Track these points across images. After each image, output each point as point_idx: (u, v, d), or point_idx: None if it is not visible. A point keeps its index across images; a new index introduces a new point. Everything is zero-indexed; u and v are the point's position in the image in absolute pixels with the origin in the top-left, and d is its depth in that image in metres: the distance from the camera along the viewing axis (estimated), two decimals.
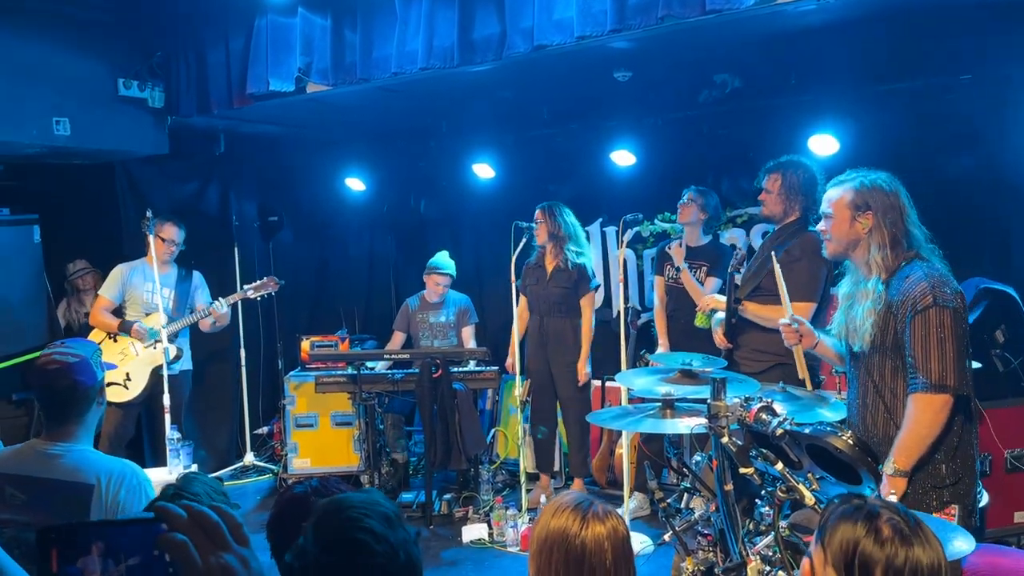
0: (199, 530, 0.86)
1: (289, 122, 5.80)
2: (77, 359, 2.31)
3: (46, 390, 2.30)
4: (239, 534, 0.89)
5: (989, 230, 4.46)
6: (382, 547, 1.35)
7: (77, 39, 4.72)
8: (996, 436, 3.92)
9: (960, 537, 2.00)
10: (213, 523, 0.87)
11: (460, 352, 5.22)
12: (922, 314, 2.46)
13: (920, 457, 2.47)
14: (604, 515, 1.79)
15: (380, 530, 1.37)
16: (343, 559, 1.34)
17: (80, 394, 2.30)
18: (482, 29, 3.89)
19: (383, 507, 1.43)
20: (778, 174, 3.87)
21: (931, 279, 2.49)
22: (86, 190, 5.70)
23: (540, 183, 5.87)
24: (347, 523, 1.37)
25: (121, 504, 2.20)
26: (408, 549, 1.40)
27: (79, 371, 2.29)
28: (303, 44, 4.41)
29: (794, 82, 4.72)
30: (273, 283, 5.30)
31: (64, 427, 2.30)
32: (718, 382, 2.31)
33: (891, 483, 2.50)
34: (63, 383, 2.28)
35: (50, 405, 2.32)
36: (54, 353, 2.33)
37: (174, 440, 4.36)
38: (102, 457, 2.34)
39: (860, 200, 2.65)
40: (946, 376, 2.43)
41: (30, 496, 2.22)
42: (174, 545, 0.83)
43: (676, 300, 4.80)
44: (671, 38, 3.75)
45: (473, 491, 5.21)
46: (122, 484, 2.23)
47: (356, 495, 1.49)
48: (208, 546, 0.85)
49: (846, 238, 2.68)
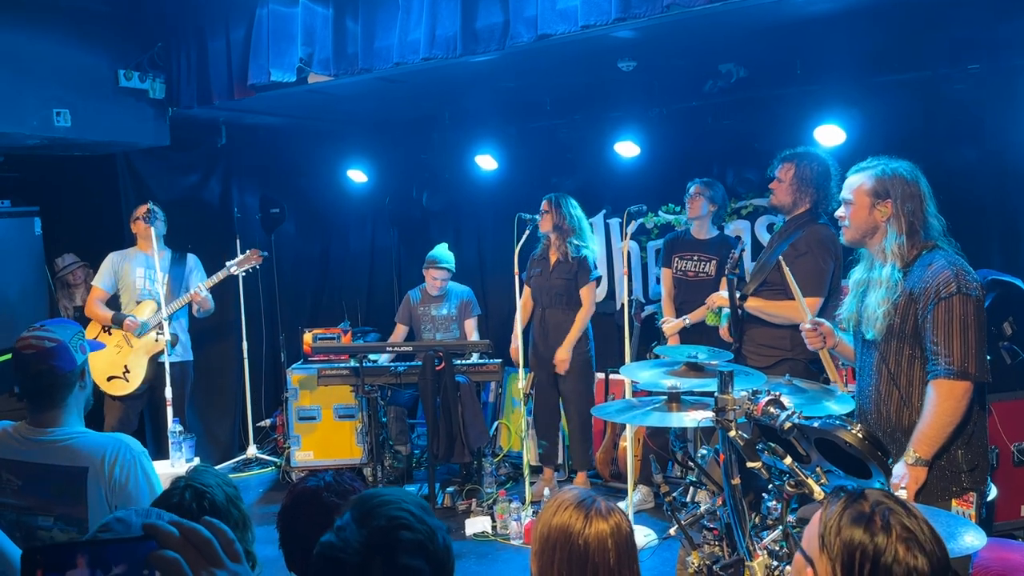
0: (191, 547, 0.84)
1: (290, 113, 5.77)
2: (54, 344, 2.20)
3: (23, 375, 2.21)
4: (231, 550, 0.87)
5: (997, 221, 4.42)
6: (422, 526, 1.37)
7: (77, 30, 4.69)
8: (1003, 429, 3.90)
9: (971, 532, 1.98)
10: (205, 539, 0.85)
11: (463, 345, 5.20)
12: (946, 301, 2.46)
13: (941, 445, 2.47)
14: (607, 512, 1.77)
15: (418, 512, 1.40)
16: (385, 534, 1.34)
17: (59, 380, 2.20)
18: (485, 18, 3.86)
19: (415, 497, 1.47)
20: (792, 164, 3.83)
21: (954, 267, 2.50)
22: (87, 182, 5.68)
23: (543, 174, 5.83)
24: (386, 504, 1.39)
25: (118, 481, 2.15)
26: (443, 535, 1.42)
27: (56, 356, 2.19)
28: (304, 34, 4.38)
29: (800, 72, 4.67)
30: (256, 255, 5.21)
31: (48, 413, 2.22)
32: (725, 375, 2.28)
33: (912, 473, 2.50)
34: (39, 368, 2.18)
35: (30, 390, 2.23)
36: (30, 337, 2.22)
37: (176, 433, 4.34)
38: (93, 436, 2.26)
39: (880, 188, 2.64)
40: (968, 363, 2.45)
41: (25, 481, 2.18)
42: (165, 563, 0.81)
43: (685, 293, 4.77)
44: (676, 27, 3.71)
45: (476, 484, 5.20)
46: (116, 459, 2.18)
47: (387, 489, 1.54)
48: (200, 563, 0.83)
49: (864, 225, 2.67)
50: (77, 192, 5.72)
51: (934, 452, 2.49)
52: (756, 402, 2.23)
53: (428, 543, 1.37)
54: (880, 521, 1.36)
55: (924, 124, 4.44)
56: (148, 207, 4.94)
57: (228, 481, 2.07)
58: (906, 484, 2.49)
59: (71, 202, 5.69)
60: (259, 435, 6.33)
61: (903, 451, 2.58)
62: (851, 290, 2.83)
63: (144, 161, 5.64)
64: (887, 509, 1.38)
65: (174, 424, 4.40)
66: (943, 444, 2.49)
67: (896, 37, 4.32)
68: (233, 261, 5.18)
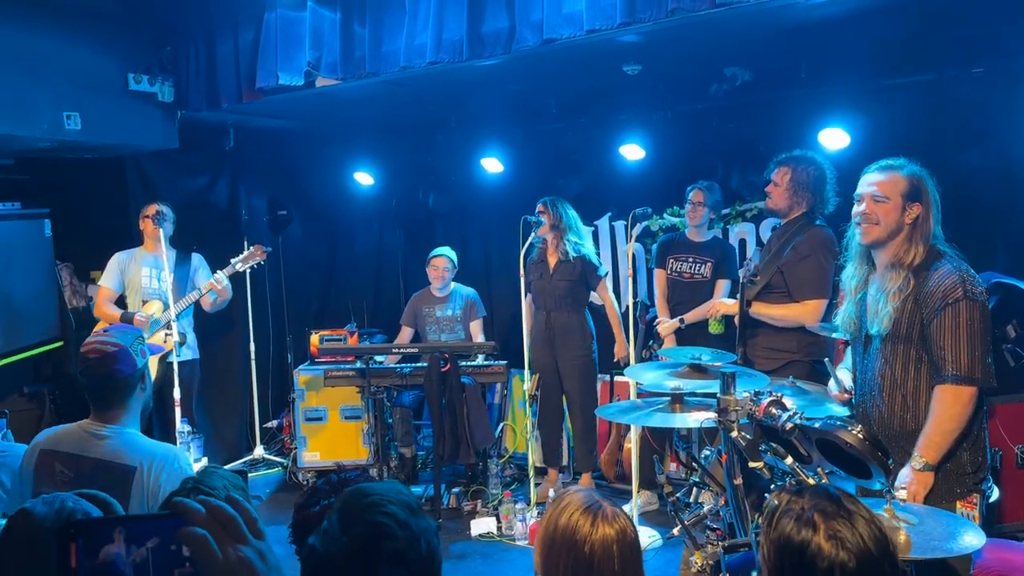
0: (217, 524, 0.86)
1: (298, 116, 5.81)
2: (116, 348, 2.37)
3: (88, 377, 2.37)
4: (255, 528, 0.90)
5: (1002, 224, 4.42)
6: (404, 532, 1.37)
7: (87, 34, 4.73)
8: (1007, 431, 3.90)
9: (970, 532, 2.00)
10: (230, 517, 0.88)
11: (468, 346, 5.23)
12: (953, 307, 2.47)
13: (948, 450, 2.49)
14: (613, 518, 1.75)
15: (402, 516, 1.39)
16: (365, 543, 1.35)
17: (120, 382, 2.37)
18: (491, 23, 3.88)
19: (405, 496, 1.46)
20: (788, 168, 3.85)
21: (960, 273, 2.51)
22: (96, 184, 5.72)
23: (549, 177, 5.86)
24: (370, 507, 1.39)
25: (163, 488, 2.24)
26: (429, 538, 1.41)
27: (118, 360, 2.36)
28: (312, 38, 4.41)
29: (805, 75, 4.68)
30: (260, 251, 5.24)
31: (110, 411, 2.38)
32: (727, 376, 2.30)
33: (920, 478, 2.50)
34: (102, 371, 2.35)
35: (94, 391, 2.39)
36: (96, 342, 2.40)
37: (184, 433, 4.38)
38: (147, 441, 2.40)
39: (913, 189, 2.61)
40: (975, 369, 2.46)
41: (75, 473, 2.28)
42: (194, 539, 0.84)
43: (680, 294, 4.79)
44: (681, 31, 3.73)
45: (481, 485, 5.22)
46: (163, 468, 2.28)
47: (380, 483, 1.52)
48: (226, 539, 0.86)
49: (895, 225, 2.62)
50: (87, 194, 5.77)
51: (941, 457, 2.50)
52: (758, 403, 2.25)
53: (410, 551, 1.37)
54: (808, 517, 1.41)
55: (929, 127, 4.45)
56: (158, 208, 4.98)
57: (237, 483, 2.10)
58: (914, 489, 2.50)
59: (80, 204, 5.74)
60: (266, 436, 6.37)
61: (904, 454, 2.59)
62: (847, 295, 2.83)
63: (153, 164, 5.69)
64: (817, 506, 1.42)
65: (183, 424, 4.43)
66: (950, 448, 2.50)
67: (901, 40, 4.33)
68: (238, 258, 5.21)
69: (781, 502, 1.46)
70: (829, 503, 1.41)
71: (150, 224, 5.00)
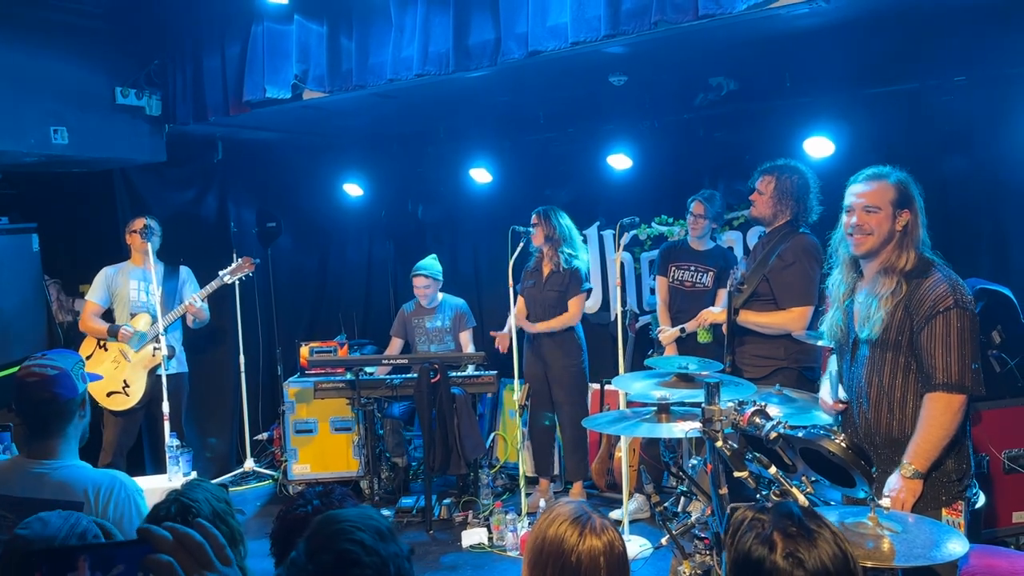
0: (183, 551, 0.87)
1: (286, 128, 5.82)
2: (57, 371, 2.24)
3: (25, 403, 2.24)
4: (222, 554, 0.90)
5: (986, 231, 4.46)
6: (371, 559, 1.35)
7: (74, 48, 4.74)
8: (993, 437, 3.92)
9: (954, 539, 2.01)
10: (197, 544, 0.88)
11: (458, 357, 5.23)
12: (944, 315, 2.48)
13: (937, 458, 2.50)
14: (601, 530, 1.75)
15: (370, 543, 1.37)
16: (331, 571, 1.33)
17: (60, 407, 2.23)
18: (477, 35, 3.91)
19: (375, 521, 1.44)
20: (772, 177, 3.88)
21: (950, 282, 2.53)
22: (84, 198, 5.71)
23: (537, 187, 5.88)
24: (337, 535, 1.37)
25: (111, 518, 2.15)
26: (399, 564, 1.39)
27: (58, 384, 2.22)
28: (299, 51, 4.43)
29: (789, 84, 4.73)
30: (249, 263, 5.23)
31: (46, 442, 2.24)
32: (712, 386, 2.31)
33: (909, 486, 2.51)
34: (42, 395, 2.21)
35: (31, 419, 2.25)
36: (33, 365, 2.26)
37: (173, 447, 4.36)
38: (89, 471, 2.28)
39: (901, 196, 2.63)
40: (965, 377, 2.47)
41: (18, 516, 2.17)
42: (160, 566, 0.84)
43: (681, 302, 4.79)
44: (665, 42, 3.76)
45: (473, 495, 5.21)
46: (111, 498, 2.19)
47: (350, 510, 1.50)
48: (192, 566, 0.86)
49: (888, 234, 2.63)
50: (75, 208, 5.76)
51: (930, 464, 2.51)
52: (742, 413, 2.26)
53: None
54: (766, 535, 1.41)
55: (912, 135, 4.48)
56: (145, 222, 4.98)
57: (221, 496, 2.07)
58: (903, 496, 2.51)
59: (69, 218, 5.73)
60: (256, 448, 6.35)
61: (890, 462, 2.61)
62: (833, 302, 2.84)
63: (141, 177, 5.69)
64: (777, 525, 1.42)
65: (171, 438, 4.42)
66: (938, 456, 2.51)
67: (884, 50, 4.38)
68: (226, 270, 5.20)
69: (745, 518, 1.47)
70: (790, 522, 1.41)
71: (137, 238, 5.00)
